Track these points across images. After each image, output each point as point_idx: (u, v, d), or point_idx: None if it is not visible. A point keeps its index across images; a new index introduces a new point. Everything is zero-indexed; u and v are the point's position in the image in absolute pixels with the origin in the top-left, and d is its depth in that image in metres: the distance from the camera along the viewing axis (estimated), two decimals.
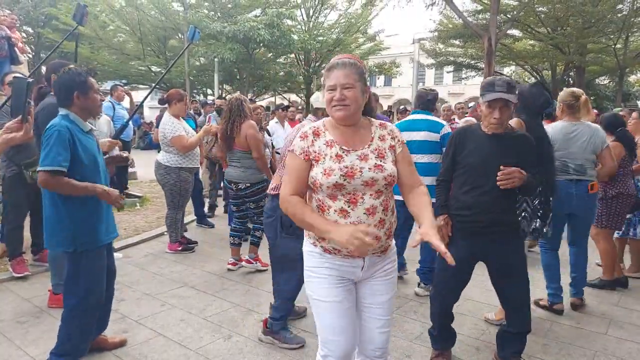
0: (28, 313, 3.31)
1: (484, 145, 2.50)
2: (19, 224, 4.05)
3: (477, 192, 2.47)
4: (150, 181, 8.34)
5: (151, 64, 21.54)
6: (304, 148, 1.79)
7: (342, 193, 1.73)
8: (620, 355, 2.91)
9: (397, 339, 3.06)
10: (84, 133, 2.44)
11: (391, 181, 1.78)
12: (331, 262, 1.80)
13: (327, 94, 1.78)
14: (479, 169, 2.48)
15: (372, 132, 1.85)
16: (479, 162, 2.48)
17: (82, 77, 2.43)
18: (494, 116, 2.43)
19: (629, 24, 16.18)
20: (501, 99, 2.38)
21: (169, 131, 4.68)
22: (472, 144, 2.53)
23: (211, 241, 5.40)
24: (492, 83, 2.45)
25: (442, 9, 17.50)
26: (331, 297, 1.79)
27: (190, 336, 3.04)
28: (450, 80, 38.38)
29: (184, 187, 4.83)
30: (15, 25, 7.23)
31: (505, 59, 21.06)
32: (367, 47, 24.09)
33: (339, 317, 1.79)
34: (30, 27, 21.77)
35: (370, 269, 1.83)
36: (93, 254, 2.44)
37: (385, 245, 1.83)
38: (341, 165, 1.73)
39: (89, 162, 2.39)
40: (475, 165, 2.49)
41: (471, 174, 2.51)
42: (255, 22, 18.01)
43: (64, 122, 2.37)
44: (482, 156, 2.48)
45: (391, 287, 1.90)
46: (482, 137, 2.53)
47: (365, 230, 1.57)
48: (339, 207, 1.73)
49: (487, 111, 2.45)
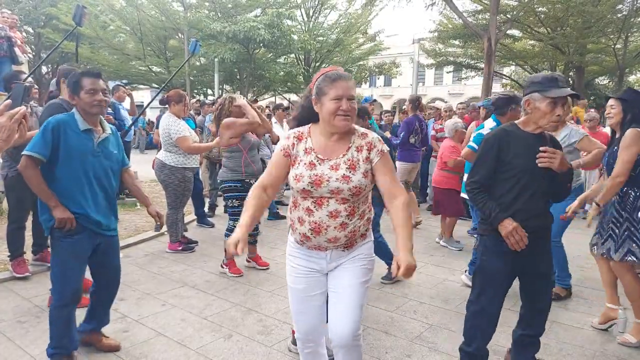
0: (28, 313, 3.31)
1: (532, 146, 2.33)
2: (21, 223, 4.05)
3: (526, 196, 2.33)
4: (151, 181, 8.34)
5: (151, 64, 21.57)
6: (285, 146, 1.95)
7: (310, 195, 1.89)
8: (620, 355, 2.92)
9: (397, 339, 3.07)
10: (78, 132, 2.49)
11: (356, 192, 1.87)
12: (301, 252, 2.01)
13: (333, 103, 1.83)
14: (529, 171, 2.32)
15: (350, 142, 1.93)
16: (529, 164, 2.31)
17: (73, 78, 2.54)
18: (557, 113, 2.27)
19: (629, 24, 16.19)
20: (566, 96, 2.26)
21: (174, 131, 4.67)
22: (520, 145, 2.34)
23: (211, 241, 5.40)
24: (554, 78, 2.30)
25: (442, 9, 17.47)
26: (295, 284, 2.03)
27: (191, 336, 3.05)
28: (450, 81, 38.40)
29: (188, 187, 4.86)
30: (16, 25, 7.23)
31: (505, 59, 21.06)
32: (367, 47, 24.12)
33: (298, 302, 2.04)
34: (30, 27, 21.81)
35: (335, 260, 1.99)
36: (70, 240, 2.48)
37: (348, 244, 1.96)
38: (311, 173, 1.88)
39: (68, 159, 2.45)
40: (525, 168, 2.32)
41: (521, 178, 2.33)
42: (255, 22, 18.02)
43: (62, 116, 2.52)
44: (528, 159, 2.32)
45: (357, 275, 1.97)
46: (527, 137, 2.36)
47: (234, 243, 1.75)
48: (306, 206, 1.91)
49: (547, 108, 2.27)
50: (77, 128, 2.50)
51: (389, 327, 3.25)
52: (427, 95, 36.63)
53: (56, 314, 2.54)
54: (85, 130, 2.52)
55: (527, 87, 2.40)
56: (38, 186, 2.45)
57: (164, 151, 4.80)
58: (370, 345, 2.97)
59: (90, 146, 2.53)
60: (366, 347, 2.93)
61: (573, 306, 3.70)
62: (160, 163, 4.77)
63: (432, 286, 4.09)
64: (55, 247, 2.56)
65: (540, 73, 2.46)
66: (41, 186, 2.44)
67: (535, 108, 2.32)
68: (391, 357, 2.83)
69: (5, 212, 4.71)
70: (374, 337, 3.09)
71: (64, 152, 2.44)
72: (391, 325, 3.28)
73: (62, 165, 2.46)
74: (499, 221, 2.31)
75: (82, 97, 2.50)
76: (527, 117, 2.40)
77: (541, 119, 2.32)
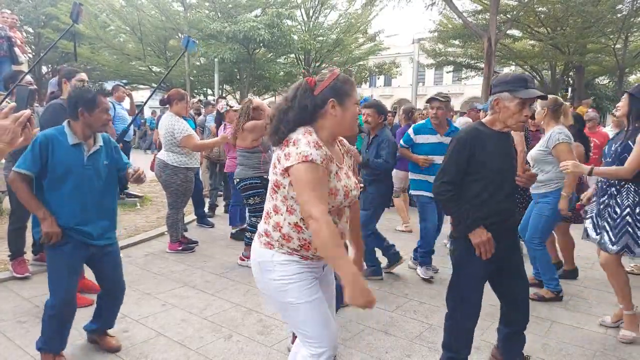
0: (28, 313, 3.31)
1: (500, 145, 2.36)
2: (22, 223, 4.03)
3: (501, 196, 2.34)
4: (151, 181, 8.32)
5: (151, 64, 21.56)
6: (323, 157, 1.65)
7: (337, 208, 1.77)
8: (620, 355, 2.92)
9: (397, 338, 3.07)
10: (68, 146, 2.50)
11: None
12: (308, 267, 1.80)
13: (356, 107, 1.80)
14: (501, 171, 2.34)
15: (339, 147, 1.90)
16: (500, 163, 2.34)
17: (89, 95, 2.52)
18: (525, 114, 2.28)
19: (629, 24, 16.20)
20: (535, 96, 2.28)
21: (178, 131, 4.65)
22: (490, 145, 2.34)
23: (211, 241, 5.40)
24: (523, 79, 2.32)
25: (442, 9, 17.49)
26: (314, 295, 1.81)
27: (191, 336, 3.05)
28: (450, 81, 38.38)
29: (189, 187, 4.86)
30: (16, 25, 7.23)
31: (505, 59, 21.07)
32: (367, 47, 24.11)
33: (322, 312, 1.82)
34: (30, 27, 21.81)
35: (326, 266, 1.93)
36: (59, 251, 2.52)
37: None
38: (341, 185, 1.75)
39: (57, 173, 2.48)
40: (497, 168, 2.33)
41: (494, 178, 2.33)
42: (255, 22, 18.03)
43: (52, 131, 2.51)
44: (501, 157, 2.35)
45: (332, 279, 2.01)
46: (495, 136, 2.37)
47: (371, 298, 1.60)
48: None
49: (516, 108, 2.28)
50: (67, 142, 2.51)
51: (389, 327, 3.25)
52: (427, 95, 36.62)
53: (49, 316, 2.56)
54: (75, 144, 2.52)
55: (496, 86, 2.39)
56: (26, 199, 2.49)
57: (166, 151, 4.76)
58: (370, 345, 2.97)
59: (80, 160, 2.53)
60: (366, 347, 2.94)
61: (573, 306, 3.70)
62: (162, 163, 4.74)
63: (432, 286, 4.09)
64: (48, 256, 2.60)
65: (509, 73, 2.49)
66: (29, 198, 2.48)
67: (504, 107, 2.32)
68: (391, 357, 2.83)
69: (5, 212, 4.71)
70: (374, 337, 3.09)
71: (52, 167, 2.47)
72: (391, 325, 3.28)
73: (50, 179, 2.48)
74: (473, 229, 2.31)
75: (98, 116, 2.53)
76: (493, 116, 2.39)
77: (509, 118, 2.32)
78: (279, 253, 1.77)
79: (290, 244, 1.74)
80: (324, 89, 1.73)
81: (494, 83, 2.44)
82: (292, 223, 1.73)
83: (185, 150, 4.72)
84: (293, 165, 1.63)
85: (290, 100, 1.77)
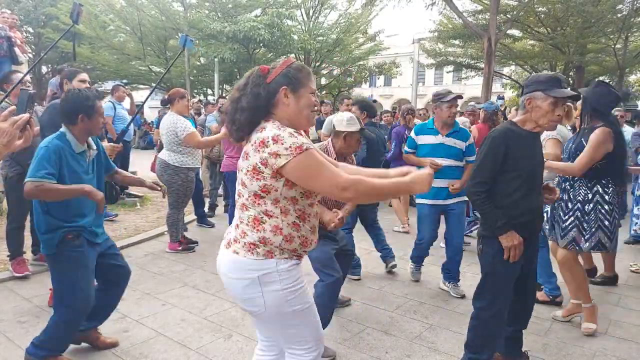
0: (28, 313, 3.32)
1: (533, 145, 2.40)
2: (21, 223, 4.05)
3: (533, 195, 2.38)
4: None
5: (151, 64, 21.55)
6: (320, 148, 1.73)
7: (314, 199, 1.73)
8: (620, 355, 2.92)
9: (397, 339, 3.07)
10: (74, 155, 2.54)
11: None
12: (298, 271, 1.72)
13: (312, 97, 1.69)
14: (532, 171, 2.37)
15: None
16: (532, 163, 2.36)
17: (89, 102, 2.55)
18: (557, 113, 2.30)
19: (629, 24, 16.19)
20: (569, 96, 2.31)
21: (181, 130, 4.63)
22: (523, 145, 2.35)
23: (211, 241, 5.40)
24: (557, 79, 2.32)
25: (442, 9, 17.48)
26: (310, 298, 1.77)
27: (191, 336, 3.05)
28: (450, 80, 38.37)
29: (190, 187, 4.86)
30: (16, 25, 7.22)
31: (505, 59, 21.06)
32: (367, 47, 24.10)
33: (316, 314, 1.80)
34: (30, 27, 21.80)
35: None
36: (78, 252, 2.53)
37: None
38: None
39: (69, 180, 2.48)
40: (530, 167, 2.35)
41: (527, 177, 2.35)
42: (255, 22, 18.02)
43: (57, 141, 2.48)
44: (534, 156, 2.39)
45: None
46: (527, 136, 2.38)
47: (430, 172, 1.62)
48: (314, 212, 1.74)
49: (549, 107, 2.29)
50: (73, 151, 2.54)
51: (389, 327, 3.25)
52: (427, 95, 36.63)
53: (65, 321, 2.53)
54: (80, 152, 2.57)
55: (529, 85, 2.39)
56: (59, 191, 2.42)
57: (167, 151, 4.75)
58: (370, 345, 2.97)
59: (85, 166, 2.60)
60: (366, 347, 2.93)
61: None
62: (164, 163, 4.73)
63: (432, 286, 4.09)
64: (63, 261, 2.53)
65: (543, 72, 2.48)
66: (60, 189, 2.42)
67: (536, 107, 2.33)
68: (391, 357, 2.83)
69: (5, 212, 4.71)
70: (374, 337, 3.09)
71: (63, 180, 2.46)
72: (391, 325, 3.28)
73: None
74: (504, 232, 2.32)
75: (97, 121, 2.56)
76: (525, 115, 2.39)
77: (542, 117, 2.33)
78: (282, 260, 1.66)
79: (291, 245, 1.66)
80: (277, 76, 1.65)
81: (527, 83, 2.44)
82: (290, 223, 1.65)
83: (187, 150, 4.72)
84: (289, 161, 1.54)
85: (242, 88, 1.69)
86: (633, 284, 4.24)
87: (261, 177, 1.60)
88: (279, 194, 1.62)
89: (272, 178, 1.59)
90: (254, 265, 1.65)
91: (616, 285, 4.18)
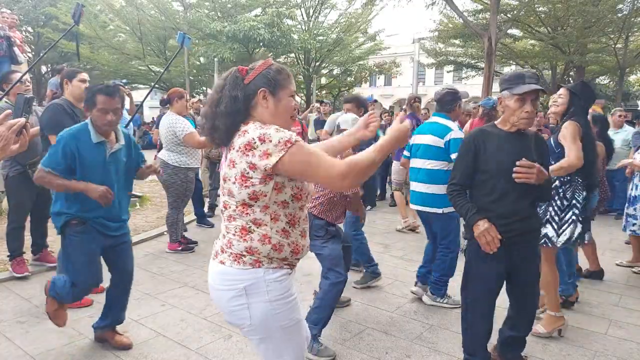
0: (28, 313, 3.31)
1: (507, 145, 2.30)
2: (21, 223, 4.05)
3: (510, 199, 2.28)
4: (150, 181, 8.33)
5: (151, 64, 21.54)
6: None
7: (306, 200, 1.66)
8: (620, 355, 2.91)
9: (397, 339, 3.06)
10: (92, 144, 2.58)
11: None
12: (289, 280, 1.64)
13: (292, 100, 1.64)
14: (507, 172, 2.24)
15: None
16: (504, 165, 2.25)
17: (88, 94, 2.62)
18: (525, 110, 2.25)
19: (629, 24, 16.18)
20: (533, 91, 2.24)
21: (180, 129, 4.63)
22: (493, 145, 2.31)
23: (211, 241, 5.36)
24: (520, 75, 2.30)
25: (442, 9, 17.47)
26: (299, 312, 1.69)
27: (190, 336, 3.04)
28: (451, 80, 38.28)
29: (190, 187, 4.86)
30: (16, 24, 7.22)
31: (505, 59, 21.04)
32: (367, 46, 24.11)
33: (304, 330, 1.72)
34: (30, 26, 21.81)
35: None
36: (79, 238, 2.61)
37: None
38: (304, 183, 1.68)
39: (82, 168, 2.55)
40: (503, 168, 2.26)
41: (500, 179, 2.28)
42: (255, 21, 18.01)
43: (75, 129, 2.59)
44: (506, 158, 2.26)
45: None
46: (502, 136, 2.32)
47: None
48: (304, 215, 1.67)
49: (515, 105, 2.26)
50: (90, 140, 2.57)
51: (389, 327, 3.24)
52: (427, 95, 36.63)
53: (71, 293, 2.68)
54: (98, 142, 2.59)
55: (500, 85, 2.40)
56: (60, 184, 2.54)
57: (166, 151, 4.76)
58: (370, 345, 2.97)
59: (102, 158, 2.62)
60: (366, 347, 2.93)
61: (573, 306, 3.69)
62: (163, 163, 4.73)
63: None
64: (67, 243, 2.66)
65: (512, 71, 2.48)
66: (62, 182, 2.53)
67: (506, 106, 2.33)
68: (391, 358, 2.83)
69: (5, 212, 4.70)
70: (374, 337, 3.08)
71: (79, 163, 2.55)
72: (391, 325, 3.28)
73: (79, 176, 2.55)
74: (474, 222, 2.30)
75: (94, 114, 2.58)
76: (503, 116, 2.39)
77: (512, 116, 2.32)
78: (271, 269, 1.58)
79: (281, 254, 1.58)
80: (255, 77, 1.59)
81: (499, 83, 2.44)
82: (279, 230, 1.57)
83: (186, 150, 4.72)
84: (282, 157, 1.45)
85: (220, 90, 1.61)
86: (633, 284, 4.24)
87: (250, 183, 1.51)
88: (268, 199, 1.54)
89: (261, 183, 1.51)
90: (241, 275, 1.57)
91: (601, 280, 4.27)
